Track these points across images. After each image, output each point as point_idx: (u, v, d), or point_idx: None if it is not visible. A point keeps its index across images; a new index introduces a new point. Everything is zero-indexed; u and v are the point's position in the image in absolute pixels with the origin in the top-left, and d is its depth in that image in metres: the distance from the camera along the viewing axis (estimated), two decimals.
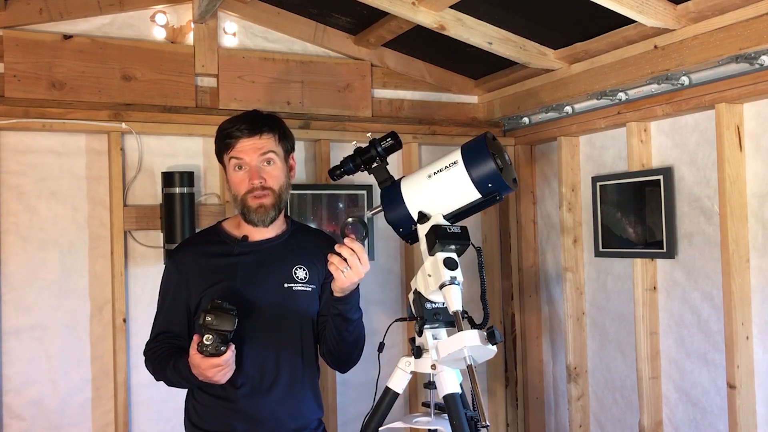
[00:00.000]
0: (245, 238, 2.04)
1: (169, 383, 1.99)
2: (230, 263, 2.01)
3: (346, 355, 2.05)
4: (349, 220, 1.85)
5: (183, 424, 2.08)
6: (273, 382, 1.97)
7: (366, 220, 1.88)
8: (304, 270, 2.04)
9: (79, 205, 2.83)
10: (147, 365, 2.05)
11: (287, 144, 2.07)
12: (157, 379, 2.02)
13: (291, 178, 2.08)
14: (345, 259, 1.79)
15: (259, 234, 2.05)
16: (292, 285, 2.01)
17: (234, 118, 2.04)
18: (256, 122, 2.00)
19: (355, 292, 1.93)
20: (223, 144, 2.02)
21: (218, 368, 1.78)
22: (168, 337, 2.02)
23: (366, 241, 1.85)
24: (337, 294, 1.90)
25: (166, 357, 1.97)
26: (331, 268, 1.81)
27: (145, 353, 2.05)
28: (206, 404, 1.97)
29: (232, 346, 1.78)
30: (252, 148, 1.97)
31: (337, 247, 1.81)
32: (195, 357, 1.77)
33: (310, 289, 2.04)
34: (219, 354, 1.75)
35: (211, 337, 1.74)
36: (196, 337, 1.77)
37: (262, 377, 1.97)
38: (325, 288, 2.07)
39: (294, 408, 2.00)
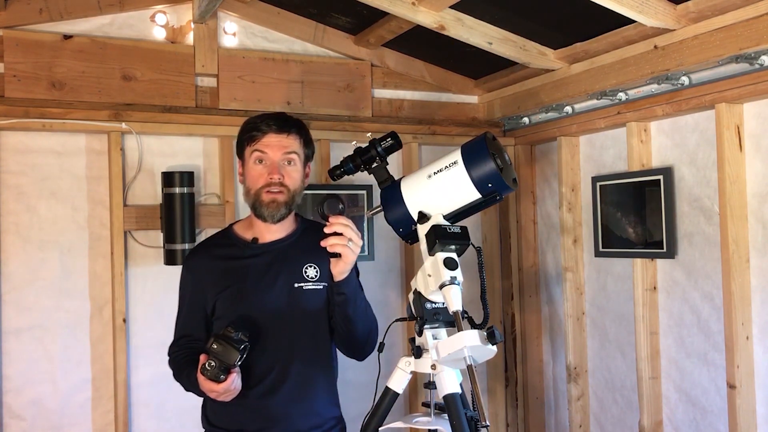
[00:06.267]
0: (255, 240, 2.06)
1: (186, 389, 2.03)
2: (241, 266, 2.03)
3: (361, 342, 2.05)
4: (324, 203, 1.88)
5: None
6: (285, 382, 1.99)
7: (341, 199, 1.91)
8: (315, 268, 2.04)
9: (79, 205, 2.83)
10: (170, 365, 2.10)
11: (308, 151, 2.10)
12: (177, 380, 2.06)
13: (305, 184, 2.10)
14: (341, 234, 1.81)
15: (269, 235, 2.06)
16: (302, 284, 2.02)
17: (263, 114, 2.07)
18: (285, 121, 2.04)
19: (353, 272, 1.95)
20: (248, 136, 2.03)
21: (215, 393, 1.82)
22: (188, 341, 2.07)
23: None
24: (339, 278, 1.91)
25: (183, 364, 2.02)
26: (336, 248, 1.83)
27: (168, 354, 2.11)
28: (222, 404, 1.98)
29: (233, 375, 1.80)
30: (278, 145, 2.00)
31: (327, 229, 1.83)
32: (199, 376, 1.82)
33: (321, 287, 2.04)
34: (217, 381, 1.78)
35: (213, 363, 1.77)
36: (202, 357, 1.80)
37: (274, 377, 1.98)
38: None
39: (308, 407, 2.02)
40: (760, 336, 2.42)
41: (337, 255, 1.86)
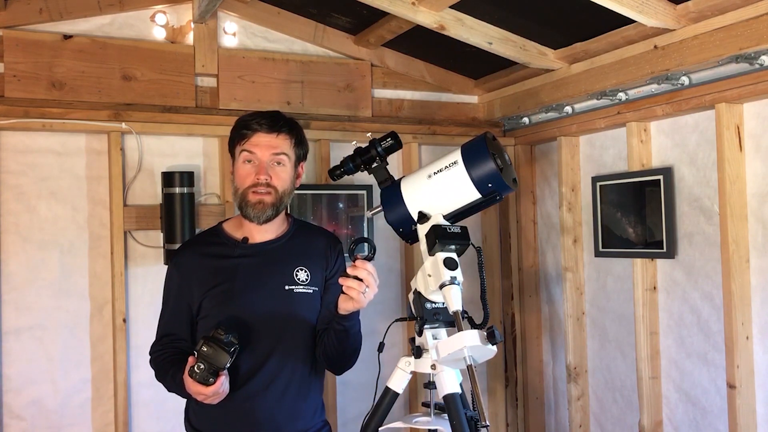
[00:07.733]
0: (245, 240, 2.03)
1: (169, 390, 1.99)
2: (231, 265, 2.00)
3: (346, 363, 2.06)
4: (357, 243, 1.85)
5: (182, 424, 2.08)
6: (271, 385, 1.96)
7: (371, 239, 1.88)
8: (305, 272, 2.03)
9: (79, 205, 2.83)
10: (151, 365, 2.06)
11: (300, 151, 2.06)
12: (159, 381, 2.03)
13: (296, 185, 2.07)
14: (361, 280, 1.77)
15: (259, 235, 2.03)
16: (293, 287, 2.00)
17: (256, 112, 2.04)
18: (276, 121, 2.01)
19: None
20: (239, 134, 2.01)
21: (202, 396, 1.78)
22: (171, 339, 2.03)
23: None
24: (344, 312, 1.88)
25: (167, 364, 1.98)
26: (351, 293, 1.79)
27: (150, 353, 2.07)
28: (205, 407, 1.95)
29: (222, 378, 1.77)
30: (267, 145, 1.97)
31: (350, 270, 1.78)
32: (186, 378, 1.79)
33: (311, 291, 2.02)
34: (206, 384, 1.75)
35: (202, 366, 1.74)
36: (191, 359, 1.77)
37: (260, 380, 1.95)
38: (328, 289, 2.06)
39: (294, 411, 1.99)
40: (760, 336, 2.42)
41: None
